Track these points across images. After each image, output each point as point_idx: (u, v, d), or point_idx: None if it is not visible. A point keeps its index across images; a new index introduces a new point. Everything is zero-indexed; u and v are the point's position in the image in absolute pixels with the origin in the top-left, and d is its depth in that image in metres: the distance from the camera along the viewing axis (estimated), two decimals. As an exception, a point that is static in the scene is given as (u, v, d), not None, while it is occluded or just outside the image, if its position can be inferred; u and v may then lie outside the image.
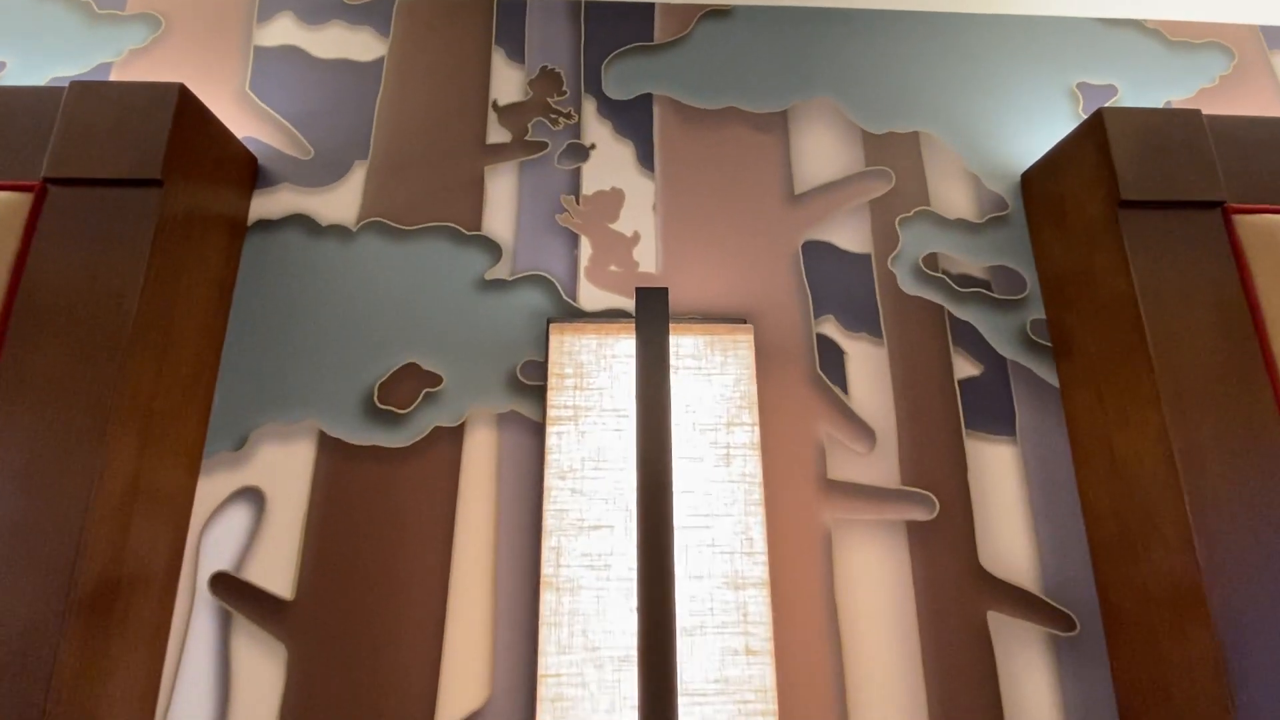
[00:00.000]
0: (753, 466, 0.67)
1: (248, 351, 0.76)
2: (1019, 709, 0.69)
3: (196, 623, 0.67)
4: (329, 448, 0.73)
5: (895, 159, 0.87)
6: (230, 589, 0.68)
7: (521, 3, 0.91)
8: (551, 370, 0.70)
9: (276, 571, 0.69)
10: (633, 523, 0.65)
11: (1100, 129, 0.72)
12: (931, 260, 0.83)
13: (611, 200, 0.83)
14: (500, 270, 0.80)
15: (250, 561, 0.69)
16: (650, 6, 0.91)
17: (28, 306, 0.61)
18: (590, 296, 0.79)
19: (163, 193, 0.64)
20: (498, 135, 0.85)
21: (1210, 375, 0.65)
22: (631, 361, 0.70)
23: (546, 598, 0.63)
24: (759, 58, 0.90)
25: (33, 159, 0.66)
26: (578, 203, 0.83)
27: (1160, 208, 0.70)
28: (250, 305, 0.77)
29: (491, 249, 0.81)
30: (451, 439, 0.74)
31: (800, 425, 0.76)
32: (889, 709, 0.68)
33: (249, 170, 0.81)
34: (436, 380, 0.76)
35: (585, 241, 0.81)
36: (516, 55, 0.89)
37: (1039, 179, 0.83)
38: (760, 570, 0.64)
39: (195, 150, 0.70)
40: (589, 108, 0.87)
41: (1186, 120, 0.72)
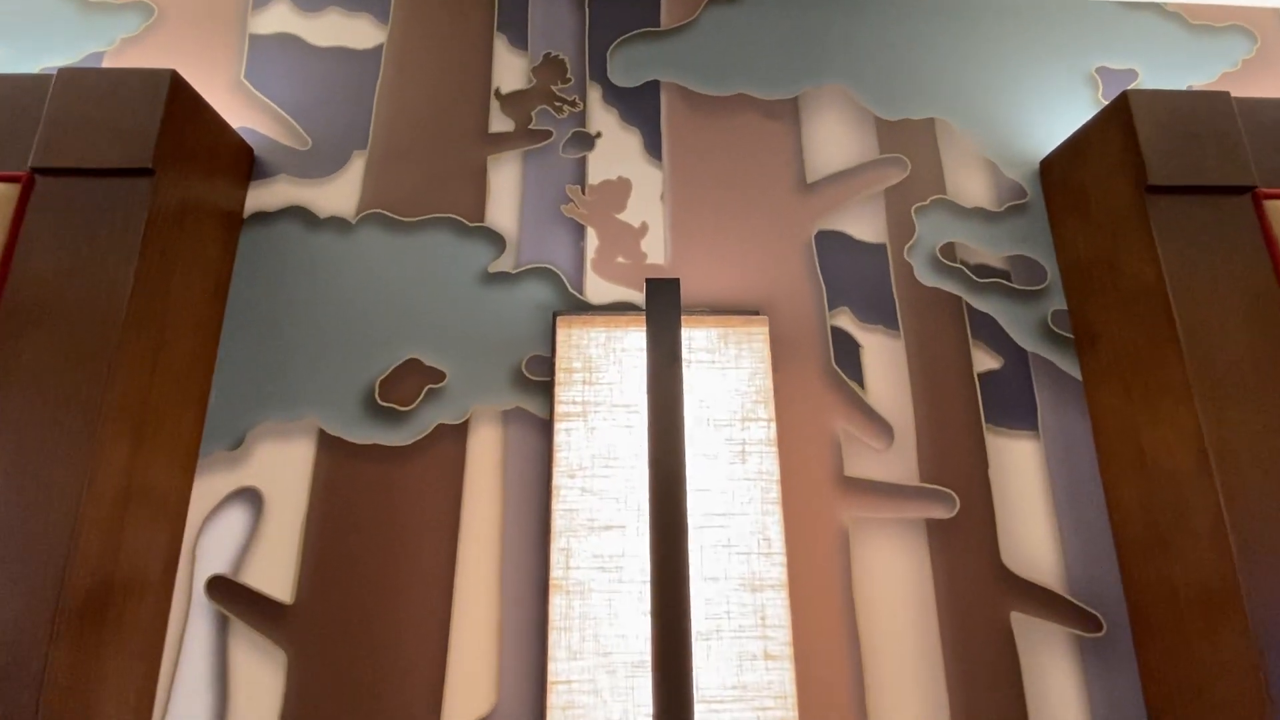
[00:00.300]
0: (770, 463, 0.64)
1: (245, 348, 0.73)
2: (1044, 712, 0.66)
3: (193, 628, 0.65)
4: (329, 446, 0.71)
5: (910, 146, 0.84)
6: (228, 593, 0.66)
7: (524, -12, 0.89)
8: (559, 364, 0.67)
9: (275, 575, 0.67)
10: (645, 523, 0.63)
11: (1126, 112, 0.69)
12: (949, 250, 0.81)
13: (618, 190, 0.81)
14: (504, 263, 0.77)
15: (248, 564, 0.67)
16: (656, -9, 0.89)
17: (15, 301, 0.59)
18: (597, 289, 0.77)
19: (154, 183, 0.62)
20: (500, 124, 0.83)
21: (1243, 365, 0.62)
22: (642, 355, 0.68)
23: (556, 601, 0.60)
24: (769, 43, 0.88)
25: (20, 149, 0.64)
26: (583, 193, 0.80)
27: (1188, 193, 0.67)
28: (247, 300, 0.75)
29: (495, 241, 0.78)
30: (455, 437, 0.71)
31: (815, 421, 0.74)
32: (911, 714, 0.66)
33: (244, 161, 0.78)
34: (439, 376, 0.73)
35: (591, 233, 0.79)
36: (519, 42, 0.86)
37: (1059, 165, 0.80)
38: (778, 571, 0.61)
39: (188, 139, 0.67)
40: (594, 95, 0.84)
41: (1215, 103, 0.70)
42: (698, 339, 0.68)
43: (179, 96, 0.66)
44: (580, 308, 0.76)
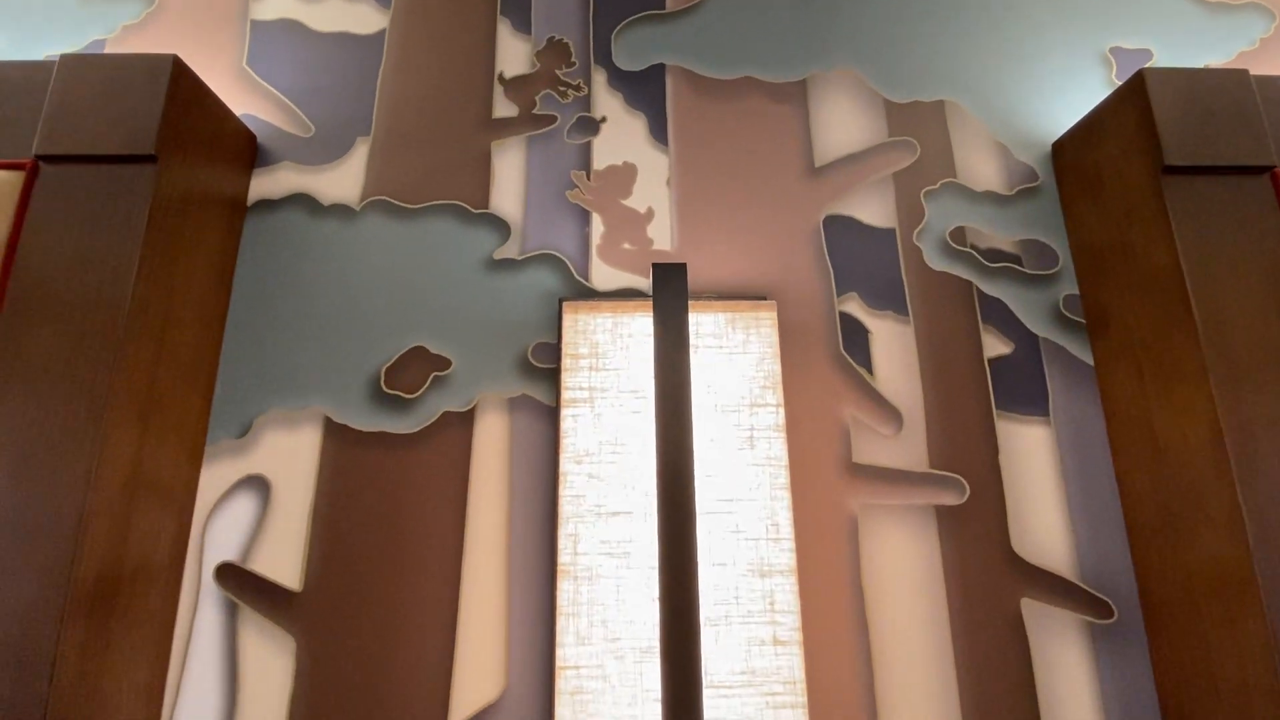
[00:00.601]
0: (778, 449, 0.64)
1: (250, 336, 0.73)
2: (1055, 699, 0.66)
3: (203, 614, 0.65)
4: (335, 434, 0.70)
5: (920, 129, 0.83)
6: (236, 580, 0.66)
7: (527, -29, 0.87)
8: (565, 350, 0.67)
9: (283, 562, 0.67)
10: (653, 508, 0.62)
11: (1141, 91, 0.68)
12: (959, 234, 0.79)
13: (624, 175, 0.80)
14: (509, 249, 0.77)
15: (256, 552, 0.67)
16: (661, -27, 0.88)
17: (21, 289, 0.58)
18: (603, 275, 0.76)
19: (157, 169, 0.62)
20: (504, 109, 0.82)
21: (1260, 349, 0.61)
22: (649, 340, 0.67)
23: (563, 587, 0.60)
24: (776, 25, 0.86)
25: (24, 136, 0.64)
26: (588, 179, 0.80)
27: (1205, 173, 0.66)
28: (252, 288, 0.75)
29: (500, 227, 0.77)
30: (461, 424, 0.71)
31: (824, 407, 0.73)
32: (920, 700, 0.65)
33: (248, 148, 0.78)
34: (445, 364, 0.73)
35: (597, 219, 0.78)
36: (523, 25, 0.85)
37: (1072, 147, 0.79)
38: (787, 557, 0.61)
39: (191, 126, 0.67)
40: (599, 79, 0.83)
41: (1233, 81, 0.68)
42: (705, 325, 0.68)
43: (181, 83, 0.65)
44: (586, 294, 0.75)
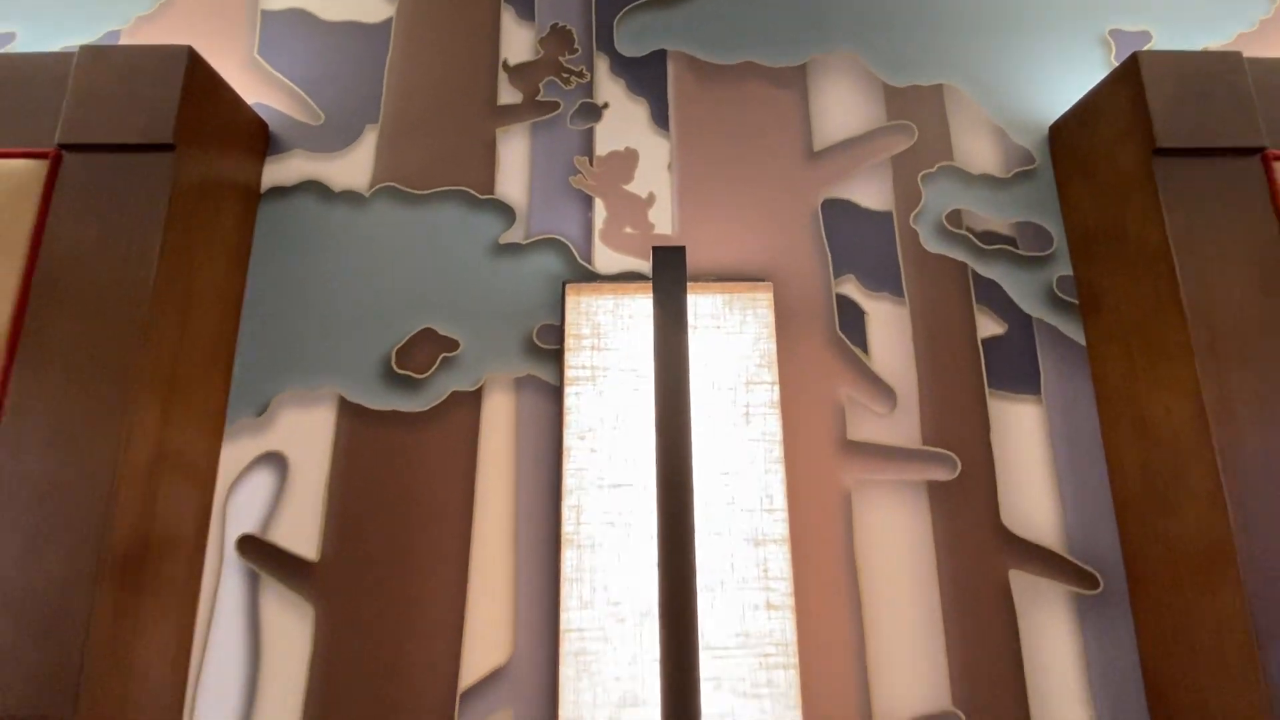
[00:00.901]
0: (773, 425, 0.66)
1: (266, 319, 0.76)
2: (1041, 666, 0.68)
3: (225, 584, 0.69)
4: (349, 413, 0.73)
5: (918, 113, 0.84)
6: (257, 551, 0.70)
7: (530, -42, 0.88)
8: (569, 330, 0.69)
9: (301, 534, 0.70)
10: (652, 481, 0.65)
11: (1135, 74, 0.69)
12: (955, 217, 0.81)
13: (626, 161, 0.82)
14: (514, 234, 0.79)
15: (276, 524, 0.70)
16: (663, -41, 0.89)
17: (48, 275, 0.61)
18: (605, 259, 0.78)
19: (175, 158, 0.64)
20: (509, 96, 0.83)
21: (1245, 328, 0.63)
22: (649, 321, 0.69)
23: (568, 555, 0.63)
24: (776, 10, 0.87)
25: (48, 126, 0.66)
26: (591, 164, 0.81)
27: (1196, 155, 0.67)
28: (267, 273, 0.77)
29: (505, 213, 0.80)
30: (470, 403, 0.74)
31: (819, 386, 0.75)
32: (910, 666, 0.68)
33: (260, 136, 0.80)
34: (453, 345, 0.75)
35: (599, 204, 0.80)
36: (526, 13, 0.87)
37: (1068, 130, 0.80)
38: (781, 528, 0.64)
39: (206, 115, 0.69)
40: (601, 66, 0.85)
41: (1226, 63, 0.69)
42: (703, 305, 0.70)
43: (195, 73, 0.67)
44: (589, 278, 0.78)
